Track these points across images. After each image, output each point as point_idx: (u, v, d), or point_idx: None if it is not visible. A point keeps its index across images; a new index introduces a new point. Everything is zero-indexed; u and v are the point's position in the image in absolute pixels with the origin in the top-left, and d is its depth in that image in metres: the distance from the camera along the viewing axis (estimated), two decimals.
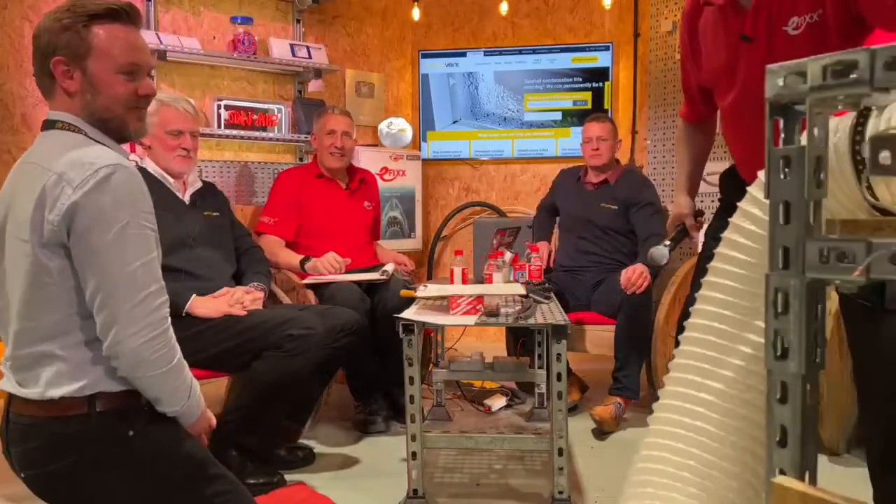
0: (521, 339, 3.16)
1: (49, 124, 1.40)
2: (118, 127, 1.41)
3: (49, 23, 1.37)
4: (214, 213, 2.62)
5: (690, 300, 1.32)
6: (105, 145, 1.39)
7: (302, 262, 2.98)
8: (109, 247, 1.29)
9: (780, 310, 0.71)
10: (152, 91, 1.45)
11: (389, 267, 3.05)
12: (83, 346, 1.33)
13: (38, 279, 1.31)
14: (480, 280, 2.84)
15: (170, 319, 1.37)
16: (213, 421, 1.52)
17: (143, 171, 2.52)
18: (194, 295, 2.32)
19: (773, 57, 1.67)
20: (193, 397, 1.43)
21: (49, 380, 1.32)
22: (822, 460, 2.46)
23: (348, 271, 3.00)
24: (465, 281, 2.68)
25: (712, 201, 3.29)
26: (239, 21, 3.47)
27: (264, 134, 3.58)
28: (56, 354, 1.32)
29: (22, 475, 1.36)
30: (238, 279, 2.60)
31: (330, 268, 2.92)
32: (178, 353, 1.39)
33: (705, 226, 2.03)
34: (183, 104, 2.54)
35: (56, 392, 1.31)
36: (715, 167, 2.53)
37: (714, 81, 1.89)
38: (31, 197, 1.30)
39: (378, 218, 3.49)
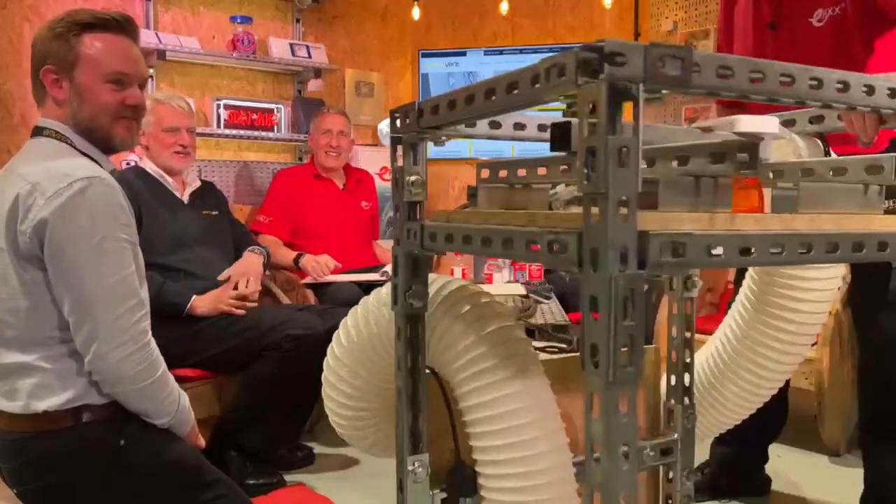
0: None
1: (37, 131, 1.39)
2: (104, 137, 1.39)
3: (44, 32, 1.37)
4: (213, 213, 2.62)
5: None
6: (89, 156, 1.36)
7: (296, 260, 2.99)
8: (85, 263, 1.26)
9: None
10: (141, 101, 1.43)
11: (389, 268, 3.04)
12: (66, 357, 1.30)
13: (17, 289, 1.29)
14: (481, 280, 2.84)
15: (150, 332, 1.34)
16: (202, 443, 1.49)
17: (141, 171, 2.52)
18: (195, 296, 2.31)
19: (797, 47, 1.71)
20: (182, 411, 1.41)
21: (31, 392, 1.29)
22: (823, 460, 2.46)
23: (348, 271, 2.99)
24: None
25: None
26: (238, 20, 3.47)
27: (264, 133, 3.57)
28: (37, 366, 1.29)
29: (15, 491, 1.34)
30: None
31: (315, 270, 2.92)
32: (162, 367, 1.36)
33: None
34: (178, 101, 2.53)
35: (40, 405, 1.29)
36: None
37: None
38: (5, 205, 1.28)
39: (376, 217, 3.48)
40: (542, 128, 1.12)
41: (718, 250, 0.73)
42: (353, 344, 1.19)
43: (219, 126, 3.42)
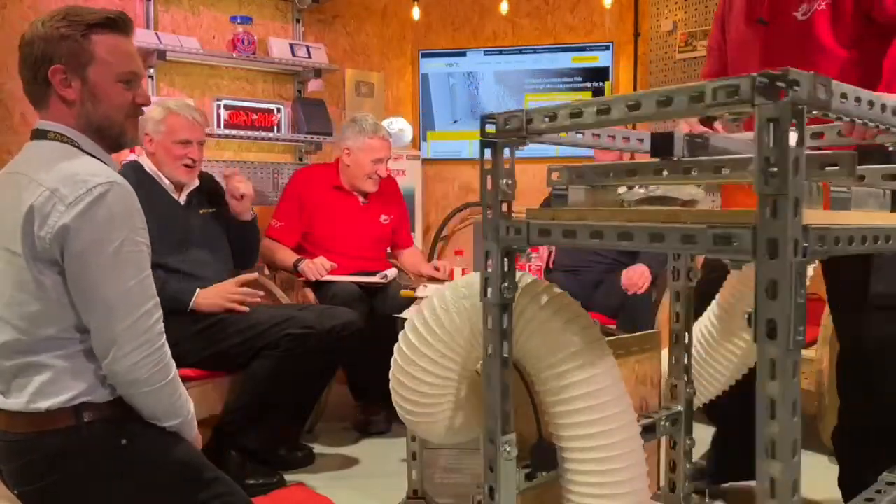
0: None
1: (40, 134, 1.38)
2: (117, 135, 1.41)
3: (44, 31, 1.35)
4: (210, 210, 2.60)
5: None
6: (98, 158, 1.37)
7: (295, 264, 2.97)
8: (105, 268, 1.28)
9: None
10: (148, 100, 1.46)
11: (391, 272, 3.03)
12: (72, 357, 1.32)
13: (32, 293, 1.29)
14: None
15: (164, 336, 1.36)
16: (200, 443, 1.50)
17: (139, 167, 2.50)
18: (199, 290, 2.30)
19: (783, 40, 1.74)
20: (192, 416, 1.43)
21: (36, 389, 1.30)
22: (822, 460, 2.46)
23: (351, 273, 2.99)
24: None
25: None
26: (238, 20, 3.47)
27: (264, 134, 3.57)
28: (43, 365, 1.30)
29: (15, 492, 1.34)
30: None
31: (311, 271, 2.90)
32: (173, 370, 1.38)
33: None
34: (192, 113, 2.51)
35: (43, 403, 1.30)
36: None
37: (737, 58, 1.93)
38: (19, 210, 1.28)
39: (399, 228, 3.35)
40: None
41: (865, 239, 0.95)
42: (435, 336, 1.23)
43: (219, 126, 3.41)
